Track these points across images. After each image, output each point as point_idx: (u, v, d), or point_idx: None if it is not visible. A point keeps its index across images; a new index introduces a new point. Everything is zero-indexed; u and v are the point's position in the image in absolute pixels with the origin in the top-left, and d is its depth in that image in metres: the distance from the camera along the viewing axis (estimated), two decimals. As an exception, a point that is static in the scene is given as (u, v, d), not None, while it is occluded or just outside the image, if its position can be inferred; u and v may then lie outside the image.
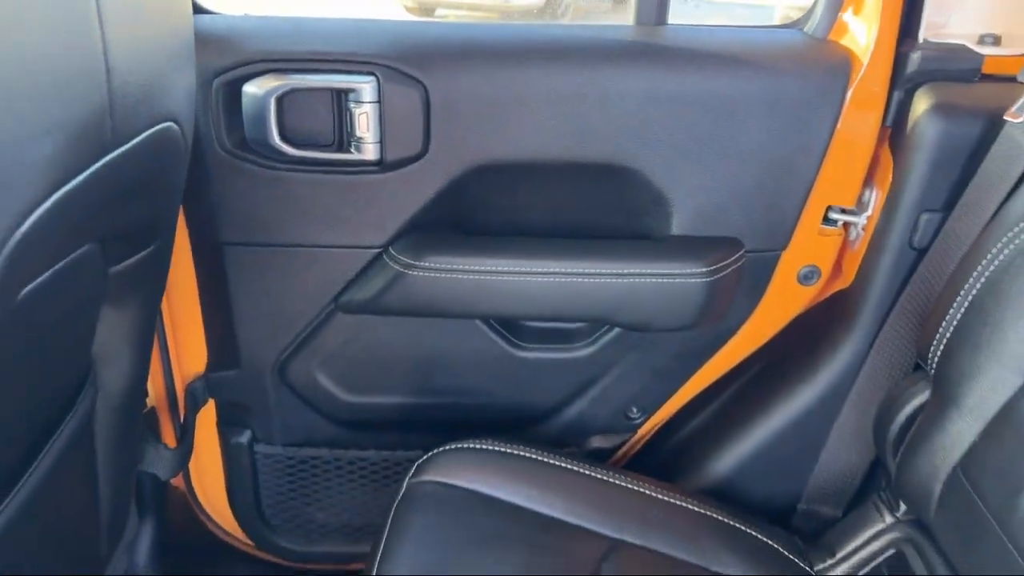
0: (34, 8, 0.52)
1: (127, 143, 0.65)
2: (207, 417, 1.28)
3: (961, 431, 0.94)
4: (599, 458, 1.33)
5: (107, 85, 0.61)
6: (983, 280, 0.95)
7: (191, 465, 1.32)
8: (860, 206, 1.15)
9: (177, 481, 1.35)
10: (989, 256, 0.94)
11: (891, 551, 1.06)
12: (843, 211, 1.15)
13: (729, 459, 1.23)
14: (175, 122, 0.76)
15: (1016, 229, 0.92)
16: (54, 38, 0.54)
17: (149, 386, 1.19)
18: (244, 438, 1.27)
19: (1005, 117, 0.95)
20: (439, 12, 7.12)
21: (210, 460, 1.32)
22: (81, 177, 0.58)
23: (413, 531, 0.97)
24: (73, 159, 0.57)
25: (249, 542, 1.38)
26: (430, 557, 0.94)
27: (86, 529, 1.00)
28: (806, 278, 1.19)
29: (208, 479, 1.34)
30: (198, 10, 1.08)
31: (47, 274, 0.61)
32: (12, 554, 0.77)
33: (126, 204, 0.73)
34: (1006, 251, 0.93)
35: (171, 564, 1.33)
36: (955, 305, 0.96)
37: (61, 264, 0.67)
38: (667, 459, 1.29)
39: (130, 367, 0.97)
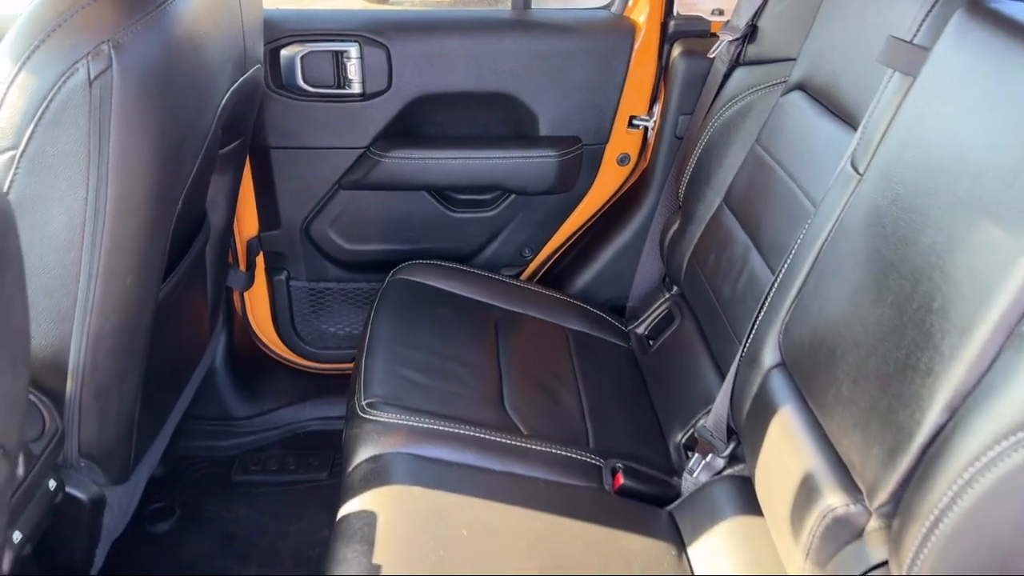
0: (219, 10, 1.18)
1: (247, 72, 1.32)
2: (258, 265, 1.93)
3: (693, 233, 1.64)
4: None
5: (243, 43, 1.27)
6: (703, 146, 1.65)
7: (247, 298, 1.98)
8: (650, 114, 1.85)
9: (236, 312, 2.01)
10: (705, 133, 1.64)
11: (665, 310, 1.76)
12: (641, 119, 1.85)
13: (584, 278, 1.93)
14: (260, 65, 1.42)
15: (716, 117, 1.62)
16: (225, 23, 1.20)
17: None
18: (283, 276, 1.94)
19: (708, 55, 1.65)
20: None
21: (259, 296, 1.98)
22: (235, 84, 1.25)
23: (391, 301, 1.64)
24: (234, 75, 1.24)
25: (285, 352, 2.05)
26: (400, 312, 1.61)
27: (201, 312, 1.66)
28: (621, 161, 1.89)
29: (258, 309, 2.00)
30: (253, 6, 1.73)
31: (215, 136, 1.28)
32: (167, 321, 1.41)
33: (240, 107, 1.39)
34: (711, 130, 1.63)
35: (233, 370, 1.98)
36: (690, 162, 1.67)
37: (216, 134, 1.33)
38: (548, 280, 1.99)
39: (226, 214, 1.63)
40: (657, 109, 1.83)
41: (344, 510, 1.14)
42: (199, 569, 1.62)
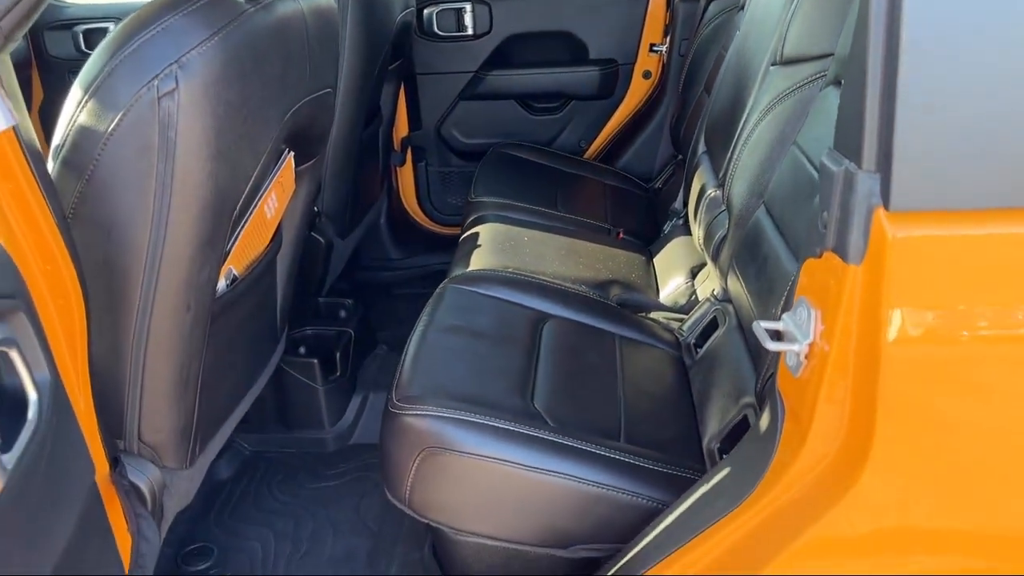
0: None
1: (405, 11, 2.24)
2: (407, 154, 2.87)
3: (687, 113, 2.44)
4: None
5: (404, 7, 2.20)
6: (692, 56, 2.45)
7: (400, 179, 2.90)
8: (664, 42, 2.66)
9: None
10: (693, 47, 2.45)
11: (671, 171, 2.55)
12: (657, 46, 2.66)
13: (623, 159, 2.75)
14: (412, 9, 2.34)
15: (700, 36, 2.42)
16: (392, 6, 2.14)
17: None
18: (423, 164, 2.86)
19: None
20: None
21: (407, 178, 2.91)
22: (400, 16, 2.17)
23: (492, 159, 2.52)
24: (400, 11, 2.16)
25: (422, 217, 2.96)
26: (498, 165, 2.48)
27: (376, 172, 2.58)
28: (645, 76, 2.71)
29: (406, 187, 2.93)
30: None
31: None
32: (359, 161, 2.32)
33: (402, 34, 2.30)
34: (697, 44, 2.43)
35: (390, 226, 2.91)
36: (685, 68, 2.47)
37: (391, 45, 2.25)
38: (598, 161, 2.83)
39: (391, 111, 2.55)
40: (668, 39, 2.64)
41: (461, 237, 2.02)
42: (373, 322, 2.53)
